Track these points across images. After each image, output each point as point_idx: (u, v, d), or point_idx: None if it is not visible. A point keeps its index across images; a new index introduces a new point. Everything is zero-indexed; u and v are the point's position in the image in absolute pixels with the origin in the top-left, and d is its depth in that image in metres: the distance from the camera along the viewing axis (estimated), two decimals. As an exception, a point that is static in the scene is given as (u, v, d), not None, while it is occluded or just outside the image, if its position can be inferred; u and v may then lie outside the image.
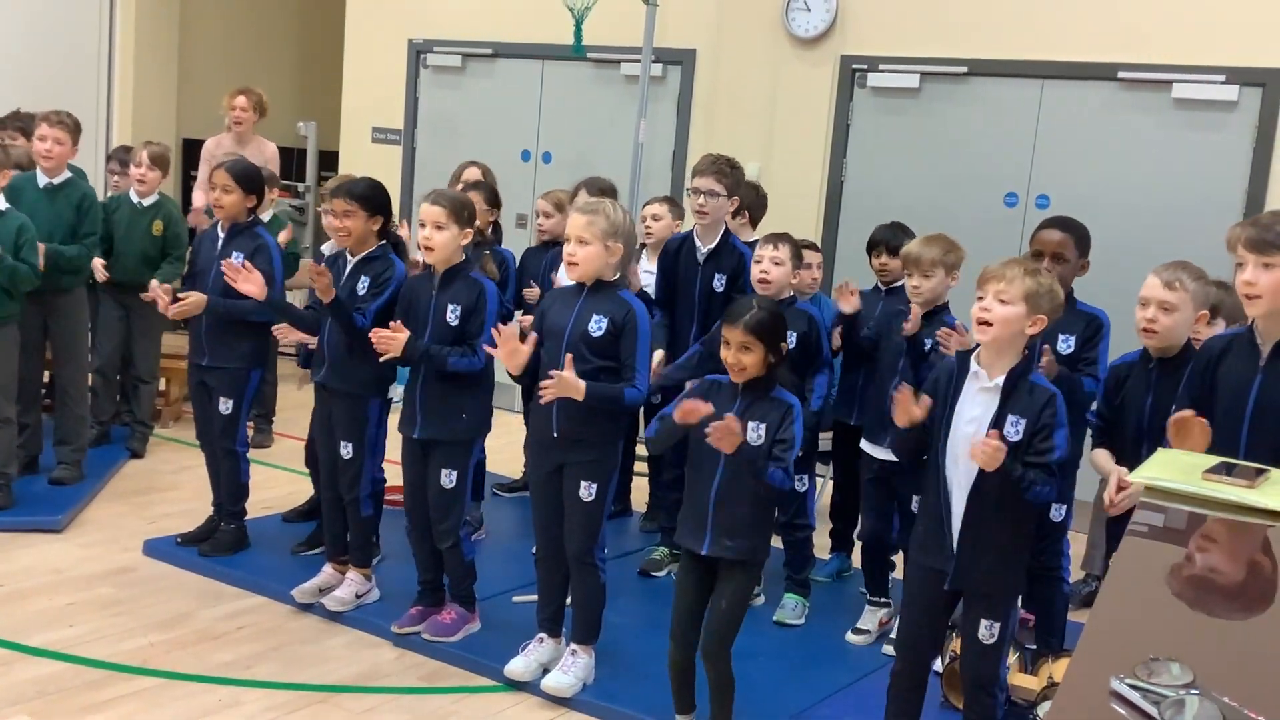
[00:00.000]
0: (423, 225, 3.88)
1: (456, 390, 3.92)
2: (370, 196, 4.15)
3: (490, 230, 5.00)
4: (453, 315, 3.88)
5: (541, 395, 3.54)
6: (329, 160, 8.43)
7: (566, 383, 3.50)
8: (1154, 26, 5.62)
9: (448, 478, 3.98)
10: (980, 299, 3.02)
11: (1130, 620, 1.78)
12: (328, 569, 4.39)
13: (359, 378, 4.14)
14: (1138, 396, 3.54)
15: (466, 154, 6.54)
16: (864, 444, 4.36)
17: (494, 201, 5.11)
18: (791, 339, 4.27)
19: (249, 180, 4.54)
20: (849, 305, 4.36)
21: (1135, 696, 1.43)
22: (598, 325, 3.62)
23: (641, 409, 5.17)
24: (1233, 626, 1.83)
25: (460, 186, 4.99)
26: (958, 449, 3.06)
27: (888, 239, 4.57)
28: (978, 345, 3.11)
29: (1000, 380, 3.02)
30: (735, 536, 3.31)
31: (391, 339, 3.79)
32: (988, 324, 3.00)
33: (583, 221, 3.61)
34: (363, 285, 4.12)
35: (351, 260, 4.18)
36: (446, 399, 3.93)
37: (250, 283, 4.14)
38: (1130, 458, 3.47)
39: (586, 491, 3.69)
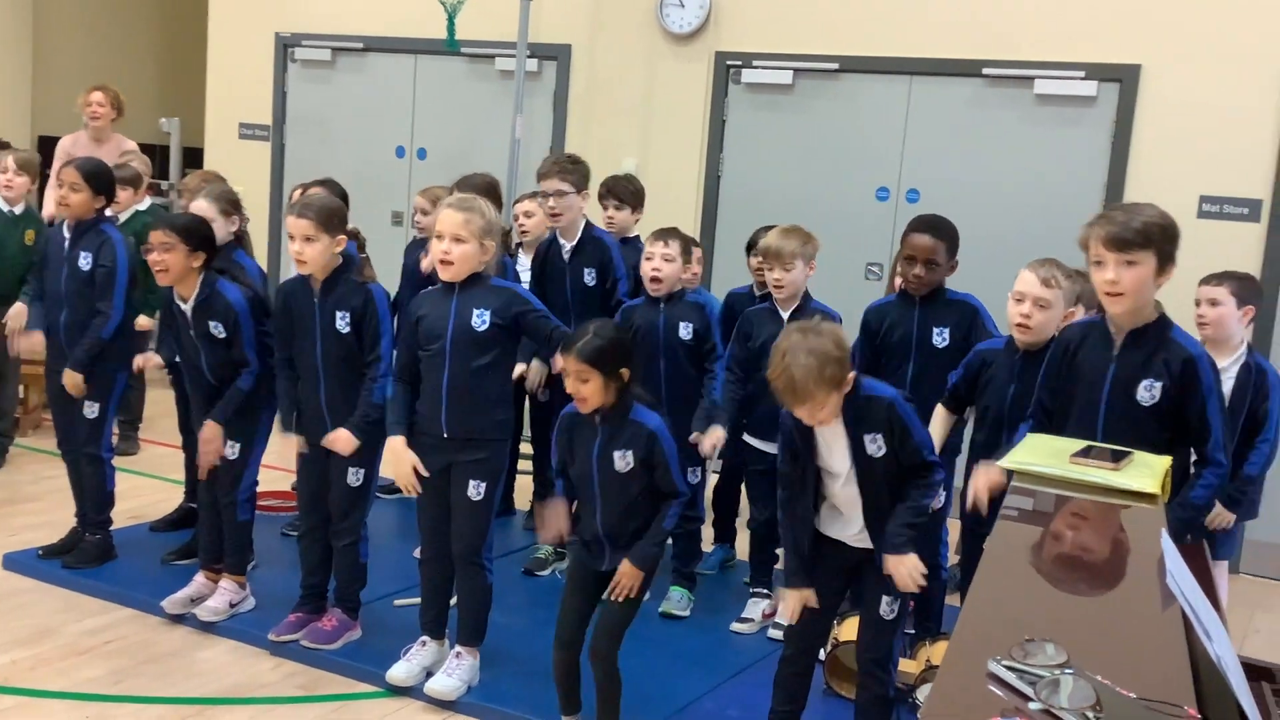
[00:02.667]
0: (292, 239, 3.77)
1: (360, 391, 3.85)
2: (192, 230, 3.99)
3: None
4: (342, 323, 3.80)
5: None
6: (194, 157, 8.18)
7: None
8: (1016, 25, 5.78)
9: (354, 475, 3.90)
10: (795, 410, 3.00)
11: (1005, 603, 1.82)
12: (199, 578, 4.25)
13: (250, 402, 4.07)
14: (1001, 384, 3.64)
15: (339, 150, 6.42)
16: (747, 438, 4.39)
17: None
18: (687, 331, 4.32)
19: (98, 179, 4.36)
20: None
21: (1012, 678, 1.45)
22: (481, 319, 3.58)
23: (527, 406, 5.16)
24: (1102, 605, 1.89)
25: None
26: (838, 486, 3.12)
27: None
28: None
29: (839, 423, 3.05)
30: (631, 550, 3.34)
31: (339, 445, 3.78)
32: (822, 422, 3.01)
33: (459, 219, 3.54)
34: (216, 329, 4.01)
35: (186, 307, 4.04)
36: (353, 402, 3.84)
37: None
38: (992, 444, 3.57)
39: (475, 490, 3.64)
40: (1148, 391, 2.92)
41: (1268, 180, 5.37)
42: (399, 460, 3.64)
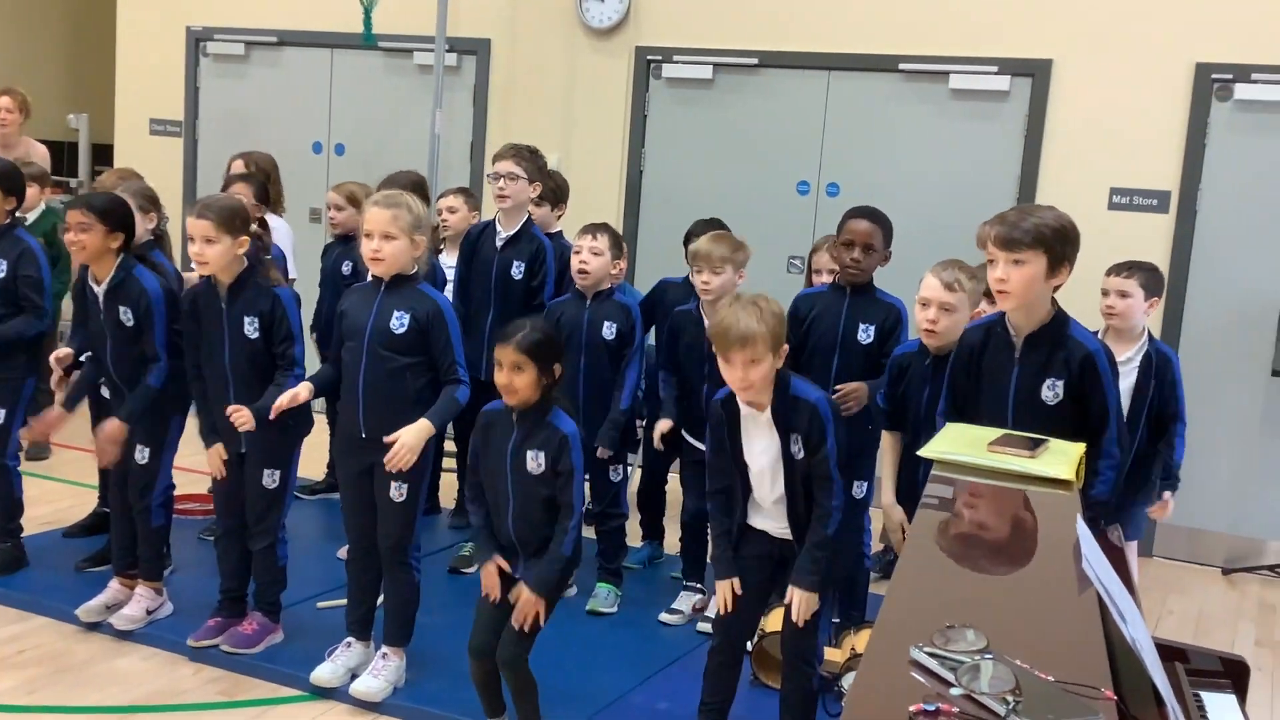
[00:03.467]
0: (192, 240, 3.69)
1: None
2: (110, 210, 3.89)
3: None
4: (251, 328, 3.73)
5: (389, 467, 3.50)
6: (103, 154, 8.00)
7: (407, 444, 3.47)
8: (931, 21, 5.86)
9: (270, 477, 3.83)
10: (728, 364, 3.06)
11: (926, 590, 1.84)
12: (115, 584, 4.16)
13: (160, 404, 3.97)
14: (916, 389, 3.69)
15: (254, 145, 6.30)
16: (683, 433, 4.41)
17: (263, 196, 4.90)
18: (610, 331, 4.31)
19: (9, 180, 4.27)
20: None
21: (934, 664, 1.47)
22: (399, 322, 3.54)
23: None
24: (1021, 590, 1.92)
25: (225, 183, 4.80)
26: (763, 479, 3.20)
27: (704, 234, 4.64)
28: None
29: (769, 413, 3.12)
30: (543, 554, 3.32)
31: (242, 423, 3.66)
32: (750, 385, 3.06)
33: (387, 216, 3.50)
34: (125, 316, 3.91)
35: (100, 290, 3.93)
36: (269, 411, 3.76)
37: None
38: (912, 446, 3.62)
39: (398, 492, 3.60)
40: (1051, 391, 2.99)
41: (1175, 172, 5.51)
42: (293, 393, 3.60)
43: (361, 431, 3.60)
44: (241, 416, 3.66)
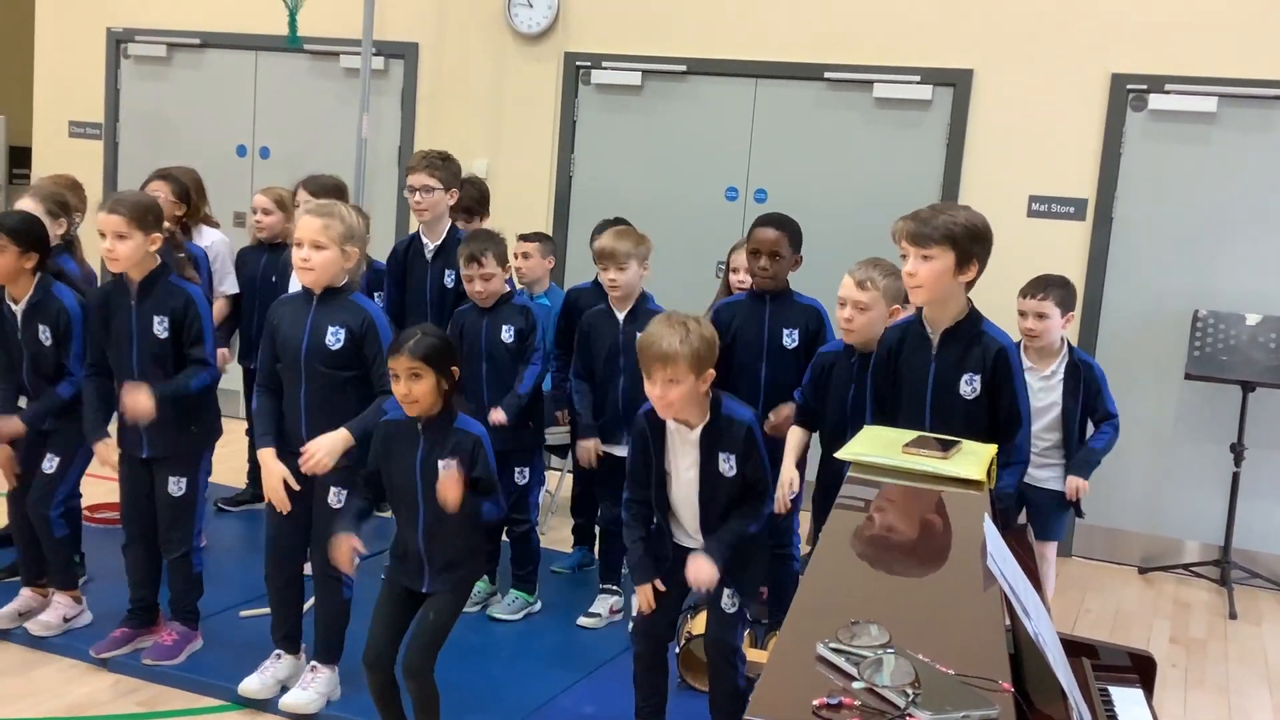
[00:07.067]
0: (103, 236, 3.63)
1: (181, 405, 3.71)
2: (23, 230, 3.82)
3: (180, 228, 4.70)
4: (160, 327, 3.68)
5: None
6: (21, 156, 7.84)
7: (323, 448, 3.42)
8: (856, 30, 5.94)
9: (177, 486, 3.77)
10: (650, 380, 3.07)
11: (838, 587, 1.88)
12: (26, 593, 4.08)
13: (77, 427, 3.88)
14: (841, 386, 3.75)
15: (176, 148, 6.24)
16: (599, 442, 4.41)
17: (183, 196, 4.83)
18: (509, 334, 4.28)
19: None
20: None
21: (839, 659, 1.50)
22: (335, 337, 3.49)
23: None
24: (928, 587, 1.96)
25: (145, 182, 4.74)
26: (680, 493, 3.23)
27: None
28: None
29: (698, 432, 3.14)
30: (453, 568, 3.28)
31: (137, 404, 3.58)
32: (669, 404, 3.08)
33: (318, 225, 3.46)
34: (44, 334, 3.85)
35: (17, 309, 3.87)
36: (172, 414, 3.70)
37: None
38: (835, 442, 3.67)
39: (336, 498, 3.55)
40: (968, 386, 3.05)
41: (1092, 180, 5.64)
42: (268, 473, 3.53)
43: (305, 443, 3.52)
44: (139, 398, 3.59)
